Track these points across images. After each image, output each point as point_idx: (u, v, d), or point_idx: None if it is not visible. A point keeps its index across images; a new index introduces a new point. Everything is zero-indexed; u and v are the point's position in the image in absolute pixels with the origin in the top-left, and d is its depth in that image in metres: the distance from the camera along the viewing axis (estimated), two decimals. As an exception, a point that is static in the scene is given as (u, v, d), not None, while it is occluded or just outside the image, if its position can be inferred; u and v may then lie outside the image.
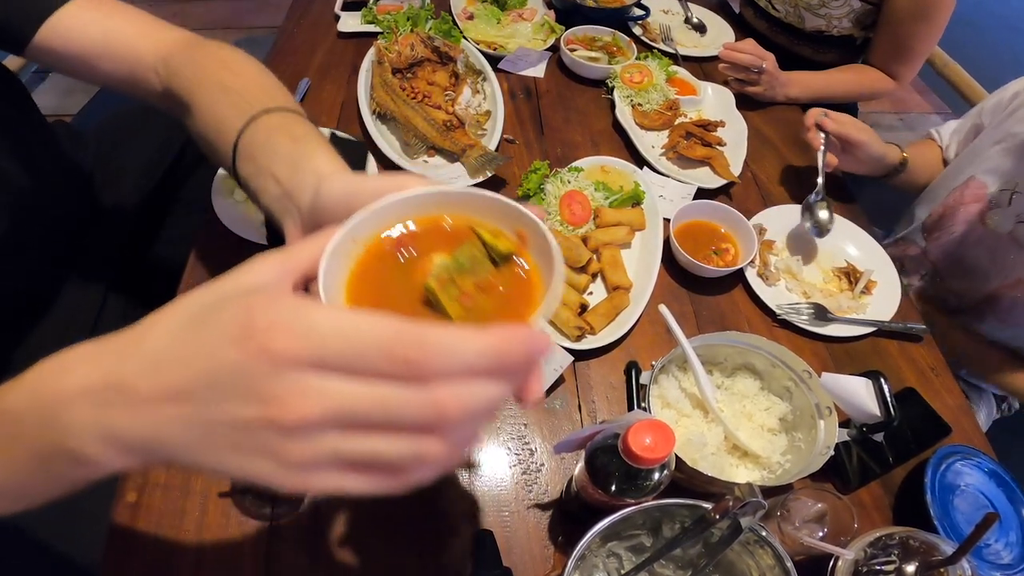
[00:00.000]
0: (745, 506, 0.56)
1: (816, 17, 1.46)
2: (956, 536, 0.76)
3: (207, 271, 0.94)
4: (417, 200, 0.44)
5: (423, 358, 0.28)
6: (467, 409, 0.29)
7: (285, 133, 0.59)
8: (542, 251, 0.43)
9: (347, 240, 0.41)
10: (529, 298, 0.43)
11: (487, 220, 0.45)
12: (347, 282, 0.42)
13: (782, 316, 1.00)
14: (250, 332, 0.28)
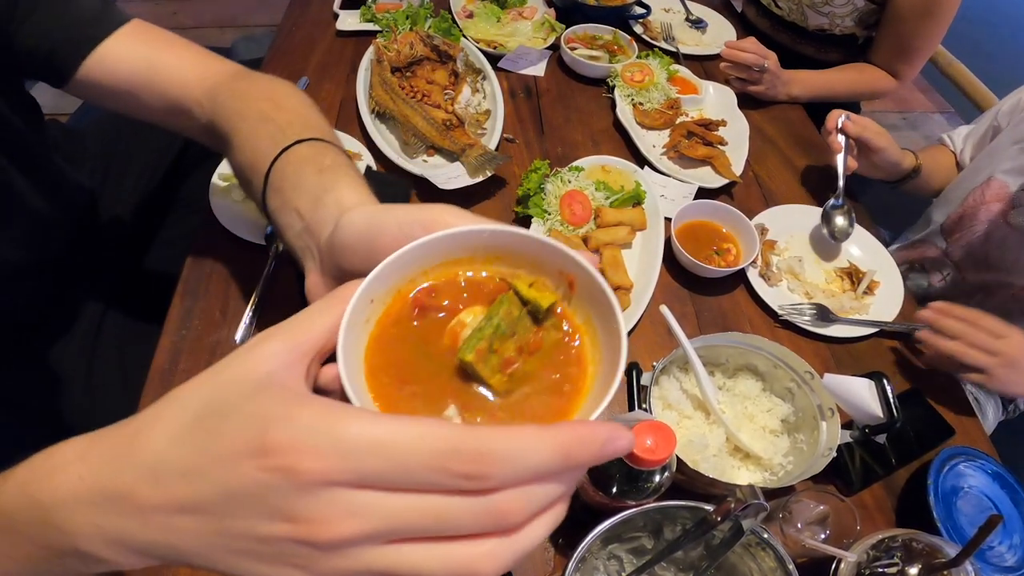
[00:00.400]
0: (747, 508, 0.56)
1: (819, 15, 1.46)
2: (959, 538, 0.76)
3: (204, 271, 0.94)
4: (442, 244, 0.38)
5: (485, 471, 0.25)
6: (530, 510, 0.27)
7: (313, 164, 0.56)
8: (593, 299, 0.38)
9: (364, 301, 0.35)
10: (581, 360, 0.38)
11: (526, 264, 0.39)
12: (366, 357, 0.36)
13: (784, 317, 1.00)
14: (267, 450, 0.25)
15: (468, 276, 0.39)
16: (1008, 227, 1.11)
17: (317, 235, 0.49)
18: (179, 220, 1.19)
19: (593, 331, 0.38)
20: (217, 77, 0.73)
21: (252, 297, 0.91)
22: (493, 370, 0.36)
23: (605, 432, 0.27)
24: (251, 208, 1.01)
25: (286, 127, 0.61)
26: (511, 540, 0.27)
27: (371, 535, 0.25)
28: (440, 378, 0.36)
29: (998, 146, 1.17)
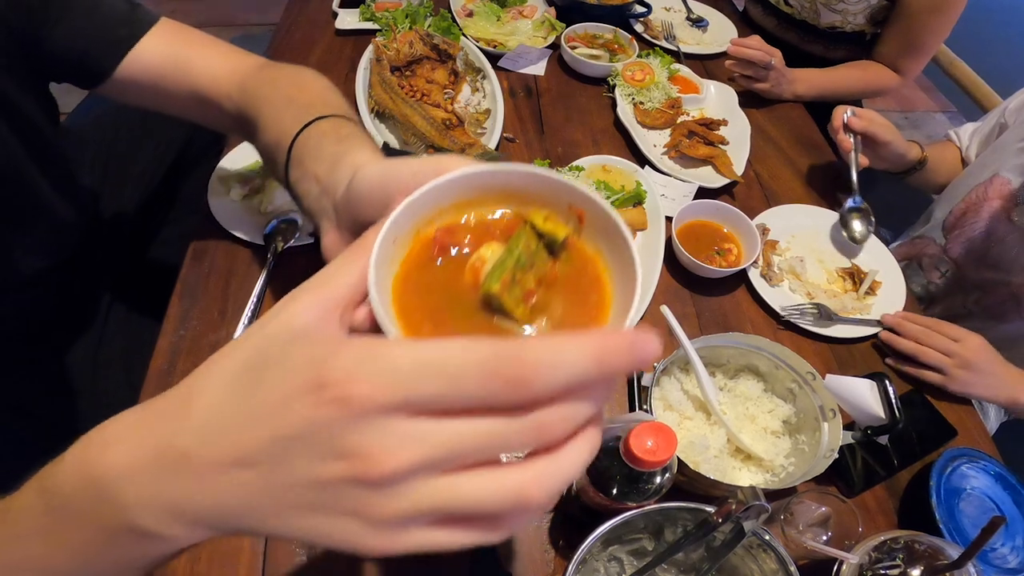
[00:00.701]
0: (748, 510, 0.56)
1: (832, 12, 1.46)
2: (962, 540, 0.76)
3: (202, 271, 0.94)
4: (455, 184, 0.39)
5: (527, 374, 0.25)
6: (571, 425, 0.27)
7: (332, 135, 0.58)
8: (605, 231, 0.39)
9: (387, 242, 0.37)
10: (598, 288, 0.39)
11: (535, 201, 0.40)
12: (393, 295, 0.37)
13: (786, 318, 1.00)
14: (322, 384, 0.25)
15: (483, 215, 0.41)
16: (1010, 225, 1.11)
17: (333, 194, 0.51)
18: (179, 220, 1.19)
19: (606, 259, 0.40)
20: (246, 70, 0.76)
21: (251, 297, 0.91)
22: (517, 301, 0.37)
23: (631, 336, 0.27)
24: (250, 207, 1.01)
25: (309, 107, 0.64)
26: (555, 461, 0.27)
27: (423, 465, 0.26)
28: (465, 314, 0.37)
29: (1003, 143, 1.17)
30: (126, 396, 0.93)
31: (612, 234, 0.38)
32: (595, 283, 0.39)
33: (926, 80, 3.16)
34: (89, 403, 0.96)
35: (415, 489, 0.26)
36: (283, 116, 0.65)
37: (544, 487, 0.27)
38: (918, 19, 1.35)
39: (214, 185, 1.02)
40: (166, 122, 1.20)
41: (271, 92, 0.70)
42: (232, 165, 1.06)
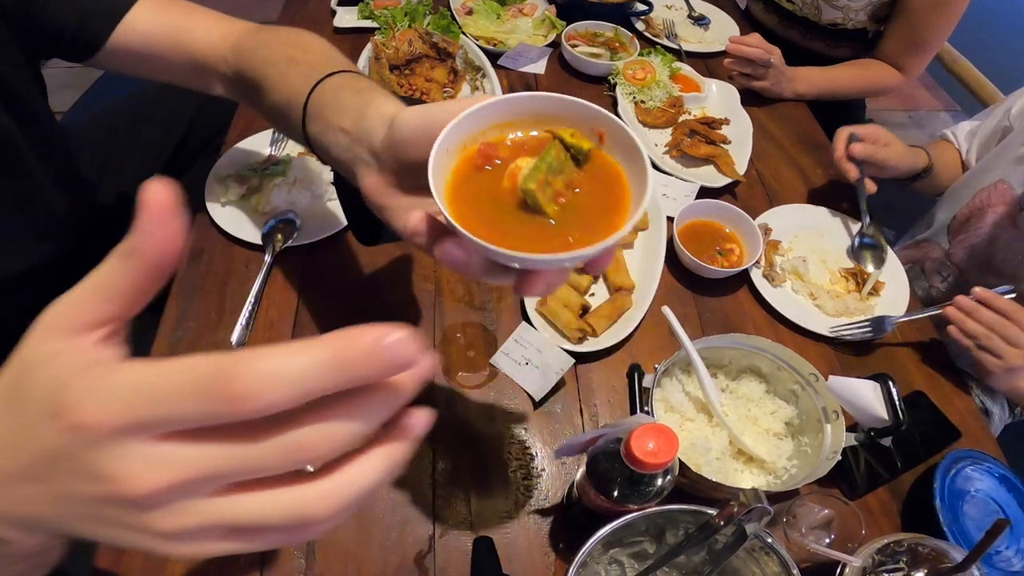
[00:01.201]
0: (750, 512, 0.56)
1: (834, 9, 1.46)
2: (966, 543, 0.76)
3: (200, 271, 0.94)
4: (495, 108, 0.47)
5: (244, 390, 0.23)
6: (337, 441, 0.26)
7: (349, 89, 0.60)
8: (623, 147, 0.46)
9: (441, 152, 0.44)
10: (617, 193, 0.46)
11: (564, 122, 0.48)
12: (446, 194, 0.44)
13: (836, 336, 1.00)
14: (60, 411, 0.25)
15: (518, 135, 0.48)
16: (1015, 230, 1.11)
17: (367, 142, 0.54)
18: None
19: (624, 168, 0.47)
20: (240, 33, 0.78)
21: (248, 297, 0.91)
22: (549, 199, 0.44)
23: (372, 337, 0.25)
24: (247, 207, 1.01)
25: (316, 65, 0.65)
26: (334, 480, 0.27)
27: (182, 486, 0.25)
28: (505, 212, 0.44)
29: (1007, 147, 1.17)
30: None
31: (629, 148, 0.46)
32: (615, 186, 0.46)
33: (929, 78, 3.16)
34: None
35: (191, 507, 0.26)
36: (289, 75, 0.67)
37: (326, 506, 0.27)
38: (920, 17, 1.35)
39: (211, 185, 1.02)
40: (162, 120, 1.20)
41: (271, 54, 0.71)
42: (229, 165, 1.06)
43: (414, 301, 0.95)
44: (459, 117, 0.45)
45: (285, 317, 0.91)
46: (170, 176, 0.95)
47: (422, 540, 0.74)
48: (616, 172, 0.47)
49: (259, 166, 1.06)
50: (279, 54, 0.71)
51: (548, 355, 0.87)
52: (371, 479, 0.28)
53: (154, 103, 1.21)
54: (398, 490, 0.77)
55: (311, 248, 0.98)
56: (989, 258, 1.16)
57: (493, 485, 0.79)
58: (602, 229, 0.44)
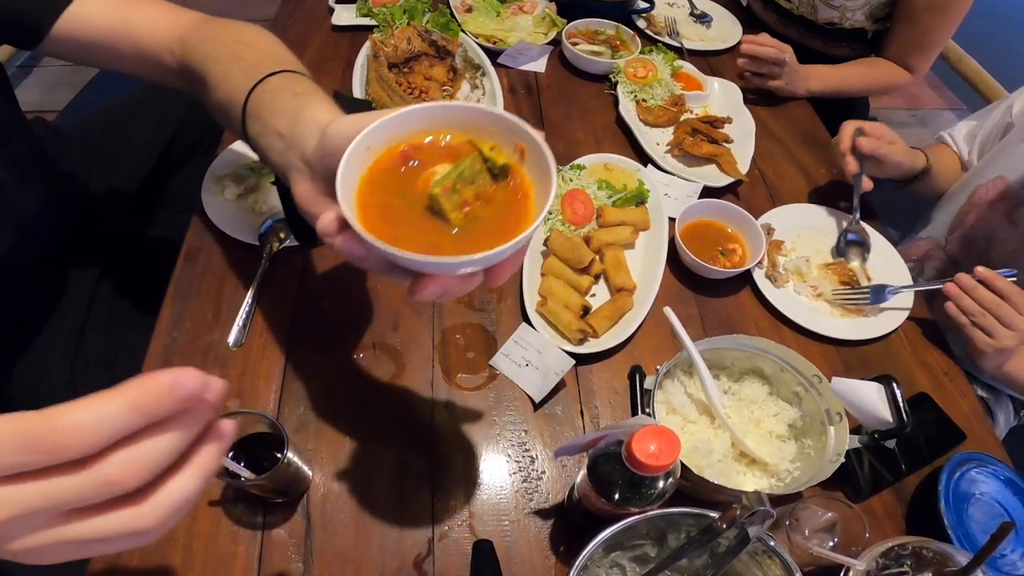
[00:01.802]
0: (753, 515, 0.56)
1: (830, 8, 1.47)
2: (971, 546, 0.76)
3: (196, 272, 0.95)
4: (423, 113, 0.49)
5: (64, 441, 0.29)
6: (142, 470, 0.31)
7: (287, 90, 0.62)
8: (540, 166, 0.48)
9: (361, 148, 0.46)
10: (524, 210, 0.48)
11: (491, 135, 0.50)
12: (358, 188, 0.47)
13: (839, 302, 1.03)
14: None
15: (443, 140, 0.51)
16: (1011, 226, 1.12)
17: (299, 148, 0.55)
18: (167, 220, 1.19)
19: (534, 187, 0.49)
20: (186, 24, 0.77)
21: (245, 298, 0.91)
22: (454, 206, 0.46)
23: (169, 379, 0.31)
24: (244, 207, 1.01)
25: (258, 63, 0.66)
26: (160, 495, 0.33)
27: (14, 520, 0.30)
28: (411, 212, 0.47)
29: (1008, 144, 1.17)
30: None
31: (543, 166, 0.47)
32: (524, 201, 0.48)
33: (934, 77, 3.16)
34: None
35: (33, 534, 0.31)
36: (232, 73, 0.67)
37: (154, 518, 0.32)
38: (923, 18, 1.35)
39: (208, 185, 1.02)
40: (155, 119, 1.20)
41: (215, 50, 0.72)
42: (226, 164, 1.06)
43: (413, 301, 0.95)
44: (384, 119, 0.47)
45: (282, 318, 0.91)
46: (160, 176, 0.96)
47: (421, 543, 0.74)
48: (527, 189, 0.49)
49: (256, 165, 1.06)
50: (223, 50, 0.71)
51: (548, 356, 0.87)
52: (189, 488, 0.34)
53: (147, 102, 1.22)
54: (396, 493, 0.78)
55: (308, 248, 0.98)
56: (986, 254, 1.16)
57: (493, 488, 0.79)
58: (502, 240, 0.45)
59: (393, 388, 0.87)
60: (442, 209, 0.46)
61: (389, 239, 0.43)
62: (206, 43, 0.73)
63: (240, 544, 0.72)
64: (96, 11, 0.78)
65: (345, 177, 0.45)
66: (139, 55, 0.79)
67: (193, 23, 0.78)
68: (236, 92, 0.65)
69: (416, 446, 0.81)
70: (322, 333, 0.91)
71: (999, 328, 0.94)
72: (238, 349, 0.87)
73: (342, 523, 0.75)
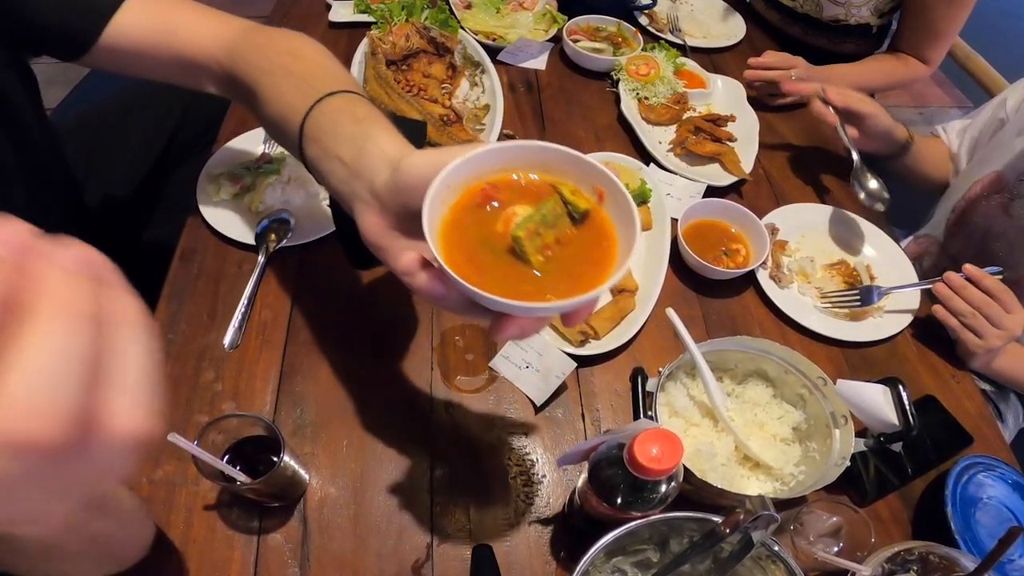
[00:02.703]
0: (757, 520, 0.56)
1: (835, 5, 1.47)
2: (978, 551, 0.76)
3: (192, 273, 0.95)
4: (501, 152, 0.50)
5: None
6: None
7: (348, 114, 0.62)
8: (620, 210, 0.49)
9: (442, 188, 0.47)
10: (604, 254, 0.49)
11: (568, 176, 0.51)
12: (441, 228, 0.48)
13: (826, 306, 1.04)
14: None
15: (522, 179, 0.51)
16: (1008, 219, 1.13)
17: (367, 180, 0.56)
18: (165, 219, 1.19)
19: (616, 231, 0.49)
20: (233, 33, 0.78)
21: (241, 299, 0.91)
22: (536, 249, 0.47)
23: None
24: (240, 207, 1.01)
25: (310, 78, 0.67)
26: None
27: None
28: (493, 253, 0.48)
29: (1003, 138, 1.18)
30: None
31: (624, 210, 0.48)
32: (604, 245, 0.49)
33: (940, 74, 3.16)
34: None
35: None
36: (284, 89, 0.68)
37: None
38: (934, 10, 1.36)
39: (203, 184, 1.02)
40: (151, 117, 1.20)
41: (264, 61, 0.72)
42: (222, 163, 1.06)
43: (411, 302, 0.95)
44: (463, 157, 0.48)
45: (279, 319, 0.91)
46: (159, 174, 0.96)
47: (419, 549, 0.74)
48: (608, 233, 0.50)
49: (252, 164, 1.06)
50: (273, 62, 0.71)
51: (549, 358, 0.88)
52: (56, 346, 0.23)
53: (143, 100, 1.22)
54: (395, 497, 0.78)
55: (306, 248, 0.98)
56: (985, 249, 1.17)
57: (492, 492, 0.79)
58: (582, 286, 0.46)
59: (391, 390, 0.87)
60: (524, 252, 0.47)
61: (473, 280, 0.44)
62: (254, 53, 0.74)
63: (236, 549, 0.72)
64: (140, 19, 0.78)
65: (430, 218, 0.45)
66: (184, 64, 0.79)
67: (240, 32, 0.78)
68: (291, 110, 0.65)
69: (415, 449, 0.81)
70: (320, 335, 0.91)
71: (988, 328, 0.96)
72: (234, 351, 0.87)
73: (339, 528, 0.75)
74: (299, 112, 0.64)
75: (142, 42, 0.78)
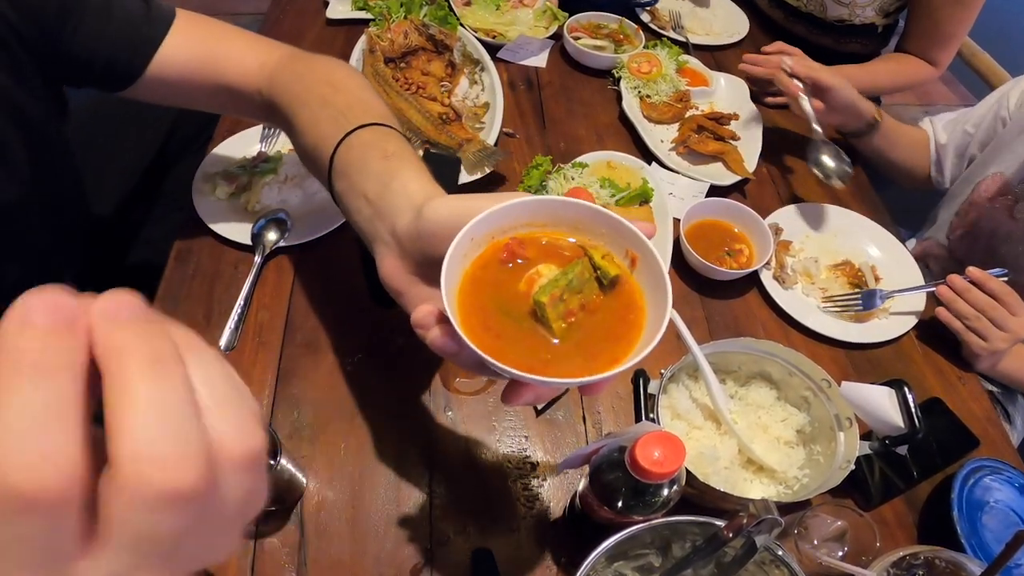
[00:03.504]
0: (760, 523, 0.56)
1: (839, 5, 1.47)
2: (985, 556, 0.76)
3: (187, 273, 0.95)
4: (531, 206, 0.48)
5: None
6: None
7: (377, 149, 0.61)
8: (653, 278, 0.47)
9: (465, 241, 0.45)
10: (631, 326, 0.46)
11: (600, 236, 0.49)
12: (461, 283, 0.46)
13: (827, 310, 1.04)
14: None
15: (551, 238, 0.49)
16: (1013, 222, 1.13)
17: (389, 221, 0.55)
18: (162, 218, 1.20)
19: (646, 300, 0.47)
20: (275, 62, 0.78)
21: (237, 300, 0.91)
22: (558, 315, 0.45)
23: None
24: (236, 206, 1.01)
25: (346, 110, 0.66)
26: None
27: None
28: (511, 316, 0.46)
29: (1005, 139, 1.18)
30: None
31: (656, 278, 0.46)
32: (631, 316, 0.47)
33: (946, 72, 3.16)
34: None
35: None
36: (319, 119, 0.68)
37: None
38: (941, 11, 1.36)
39: (199, 183, 1.02)
40: (146, 116, 1.20)
41: (304, 91, 0.72)
42: (217, 162, 1.06)
43: (410, 304, 0.95)
44: (490, 210, 0.46)
45: (276, 320, 0.91)
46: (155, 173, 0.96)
47: (418, 553, 0.74)
48: (637, 304, 0.47)
49: (249, 163, 1.06)
50: (312, 92, 0.71)
51: (550, 360, 0.87)
52: None
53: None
54: (393, 501, 0.78)
55: (303, 248, 0.98)
56: (991, 251, 1.18)
57: (492, 496, 0.80)
58: (602, 360, 0.44)
59: (389, 393, 0.87)
60: (546, 318, 0.45)
61: (489, 343, 0.43)
62: (294, 83, 0.74)
63: (232, 556, 0.73)
64: (185, 49, 0.78)
65: (449, 274, 0.43)
66: (228, 94, 0.80)
67: (283, 60, 0.78)
68: (323, 141, 0.65)
69: (413, 452, 0.81)
70: (317, 336, 0.91)
71: (993, 331, 0.96)
72: (230, 352, 0.87)
73: (337, 532, 0.75)
74: (331, 144, 0.63)
75: (187, 72, 0.79)
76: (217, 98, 0.81)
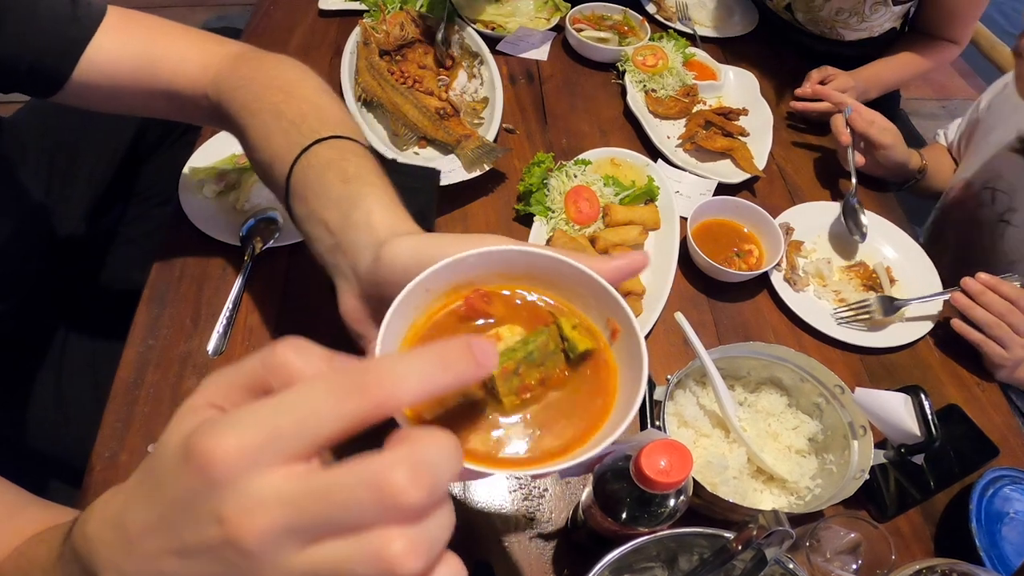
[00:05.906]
0: (770, 536, 0.56)
1: (856, 31, 1.47)
2: (1004, 569, 0.76)
3: (173, 275, 0.95)
4: (502, 256, 0.44)
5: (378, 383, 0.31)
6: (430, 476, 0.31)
7: (336, 170, 0.59)
8: (629, 356, 0.43)
9: (419, 290, 0.42)
10: (598, 408, 0.42)
11: (579, 299, 0.45)
12: (407, 338, 0.42)
13: (843, 324, 1.02)
14: (188, 455, 0.28)
15: (521, 296, 0.45)
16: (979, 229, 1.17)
17: (351, 257, 0.53)
18: (140, 216, 1.19)
19: (618, 380, 0.43)
20: (220, 63, 0.74)
21: (226, 303, 0.91)
22: (510, 390, 0.41)
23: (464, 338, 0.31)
24: (224, 205, 1.01)
25: (300, 122, 0.64)
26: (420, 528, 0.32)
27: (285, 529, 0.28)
28: None
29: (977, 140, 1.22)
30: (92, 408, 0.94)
31: (634, 357, 0.42)
32: (599, 397, 0.42)
33: (965, 65, 3.17)
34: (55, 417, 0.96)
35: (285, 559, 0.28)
36: (272, 132, 0.65)
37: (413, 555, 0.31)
38: None
39: (186, 181, 1.03)
40: None
41: (252, 100, 0.69)
42: (204, 160, 1.06)
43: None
44: (452, 259, 0.42)
45: (266, 323, 0.91)
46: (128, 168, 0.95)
47: (414, 566, 0.74)
48: (607, 384, 0.43)
49: (237, 160, 1.06)
50: (261, 101, 0.68)
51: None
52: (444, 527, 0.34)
53: None
54: (388, 512, 0.78)
55: (294, 249, 0.98)
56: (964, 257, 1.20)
57: (491, 506, 0.80)
58: (558, 446, 0.41)
59: (384, 399, 0.87)
60: (496, 391, 0.41)
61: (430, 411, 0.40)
62: (241, 88, 0.71)
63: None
64: (117, 51, 0.74)
65: (390, 329, 0.40)
66: (167, 98, 0.76)
67: (226, 62, 0.75)
68: (278, 159, 0.63)
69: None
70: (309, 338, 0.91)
71: (1013, 338, 0.96)
72: (218, 357, 0.87)
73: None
74: (286, 162, 0.61)
75: (121, 76, 0.75)
76: (155, 102, 0.78)
